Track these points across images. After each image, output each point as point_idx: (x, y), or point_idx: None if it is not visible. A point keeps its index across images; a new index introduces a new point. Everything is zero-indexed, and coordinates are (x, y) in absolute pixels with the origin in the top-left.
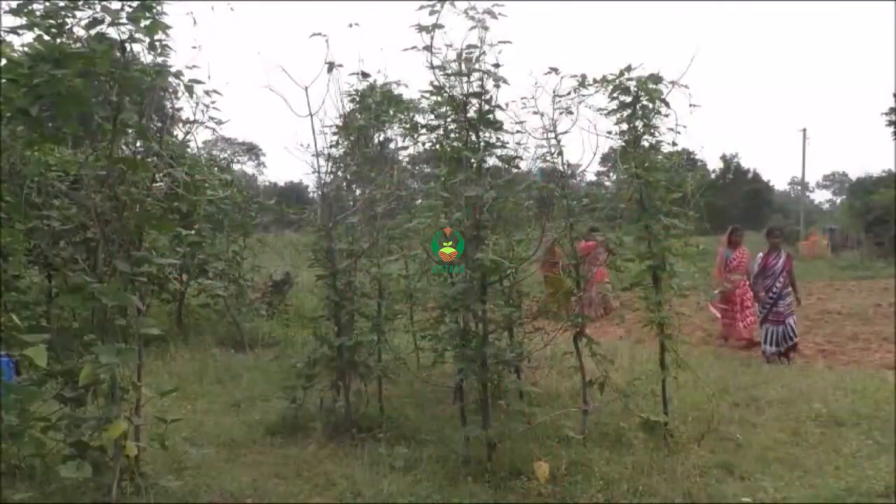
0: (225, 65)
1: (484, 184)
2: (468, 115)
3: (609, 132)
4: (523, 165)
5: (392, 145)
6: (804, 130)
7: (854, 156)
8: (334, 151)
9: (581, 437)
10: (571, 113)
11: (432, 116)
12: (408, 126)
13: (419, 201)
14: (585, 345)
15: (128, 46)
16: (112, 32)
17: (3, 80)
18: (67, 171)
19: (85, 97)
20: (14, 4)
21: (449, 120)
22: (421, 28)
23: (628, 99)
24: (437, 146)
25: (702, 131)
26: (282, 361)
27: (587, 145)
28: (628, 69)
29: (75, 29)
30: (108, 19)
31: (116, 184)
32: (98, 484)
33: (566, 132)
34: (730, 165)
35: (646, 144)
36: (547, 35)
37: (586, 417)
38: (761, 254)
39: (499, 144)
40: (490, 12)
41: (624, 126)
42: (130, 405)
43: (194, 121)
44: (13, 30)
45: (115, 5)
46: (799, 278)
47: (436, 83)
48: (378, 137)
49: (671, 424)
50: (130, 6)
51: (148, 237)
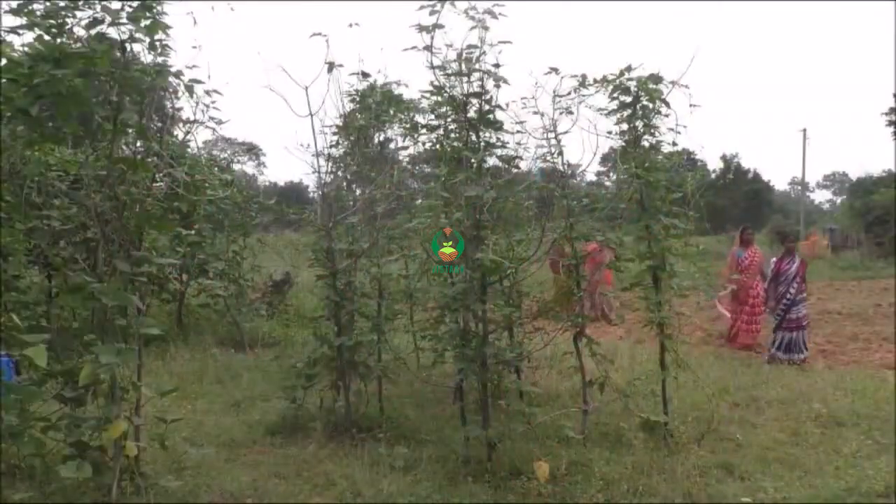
0: (225, 65)
1: (484, 184)
2: (468, 115)
3: (609, 132)
4: (523, 165)
5: (392, 145)
6: (804, 130)
7: (854, 156)
8: (334, 151)
9: (581, 437)
10: (571, 113)
11: (432, 116)
12: (408, 126)
13: (419, 201)
14: (585, 345)
15: (128, 46)
16: (112, 32)
17: (4, 80)
18: (67, 171)
19: (85, 97)
20: (14, 4)
21: (449, 120)
22: (421, 28)
23: (628, 99)
24: (437, 146)
25: (702, 131)
26: (282, 361)
27: (587, 145)
28: (628, 69)
29: (75, 29)
30: (109, 19)
31: (116, 184)
32: (98, 484)
33: (566, 132)
34: (730, 165)
35: (646, 144)
36: (547, 35)
37: (586, 417)
38: (774, 259)
39: (499, 144)
40: (490, 12)
41: (624, 126)
42: (130, 405)
43: (194, 121)
44: (13, 30)
45: (115, 5)
46: None
47: (436, 83)
48: (378, 137)
49: (671, 424)
50: (130, 6)
51: (148, 237)
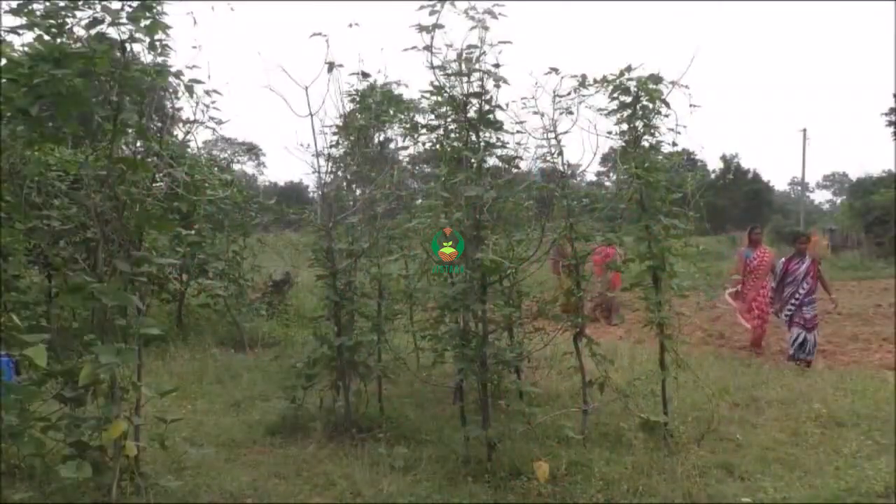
0: (225, 65)
1: (484, 184)
2: (468, 115)
3: (609, 132)
4: (523, 165)
5: (392, 145)
6: (804, 130)
7: (854, 156)
8: (334, 151)
9: (581, 437)
10: (571, 113)
11: (432, 116)
12: (408, 126)
13: (419, 201)
14: (585, 345)
15: (128, 46)
16: (112, 32)
17: (3, 80)
18: (67, 171)
19: (85, 97)
20: (14, 4)
21: (449, 120)
22: (421, 28)
23: (628, 99)
24: (437, 146)
25: (702, 131)
26: (282, 361)
27: (587, 145)
28: (628, 69)
29: (75, 29)
30: (109, 19)
31: (116, 184)
32: (98, 484)
33: (566, 132)
34: (730, 165)
35: (646, 144)
36: (547, 35)
37: (586, 417)
38: (783, 259)
39: (499, 144)
40: (490, 12)
41: (624, 126)
42: (130, 405)
43: (194, 121)
44: (13, 30)
45: (115, 5)
46: None
47: (436, 83)
48: (378, 137)
49: (671, 424)
50: (130, 6)
51: (148, 237)
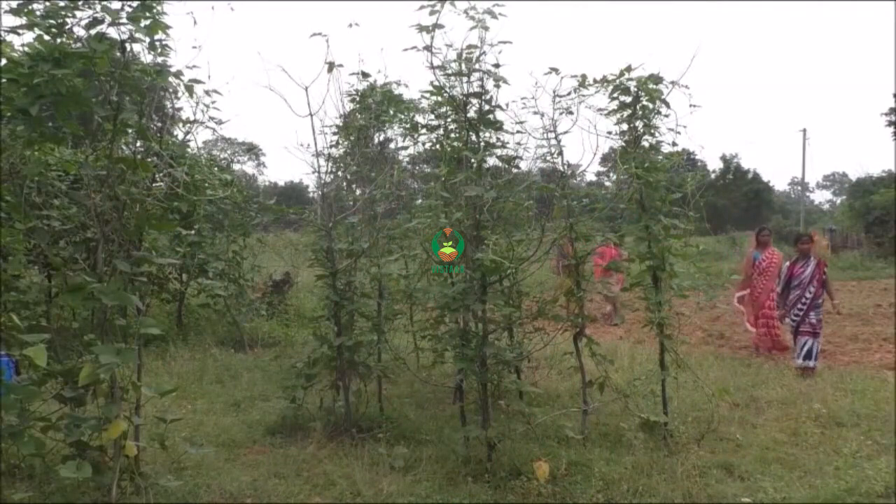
0: (225, 65)
1: (484, 184)
2: (468, 115)
3: (609, 132)
4: (523, 165)
5: (392, 145)
6: (804, 130)
7: (854, 156)
8: (334, 151)
9: (581, 438)
10: (571, 113)
11: (432, 116)
12: (408, 126)
13: (419, 201)
14: (585, 345)
15: (128, 46)
16: (112, 32)
17: (4, 80)
18: (67, 171)
19: (85, 97)
20: (14, 4)
21: (449, 120)
22: (421, 28)
23: (628, 99)
24: (437, 146)
25: (702, 131)
26: (282, 361)
27: (587, 145)
28: (628, 69)
29: (75, 29)
30: (108, 19)
31: (116, 184)
32: (98, 484)
33: (566, 132)
34: (730, 166)
35: (646, 144)
36: (547, 35)
37: (586, 417)
38: (787, 263)
39: (499, 144)
40: (490, 12)
41: (624, 126)
42: (130, 405)
43: (194, 121)
44: (13, 30)
45: (115, 5)
46: None
47: (436, 83)
48: (378, 137)
49: (671, 424)
50: (130, 6)
51: (148, 237)
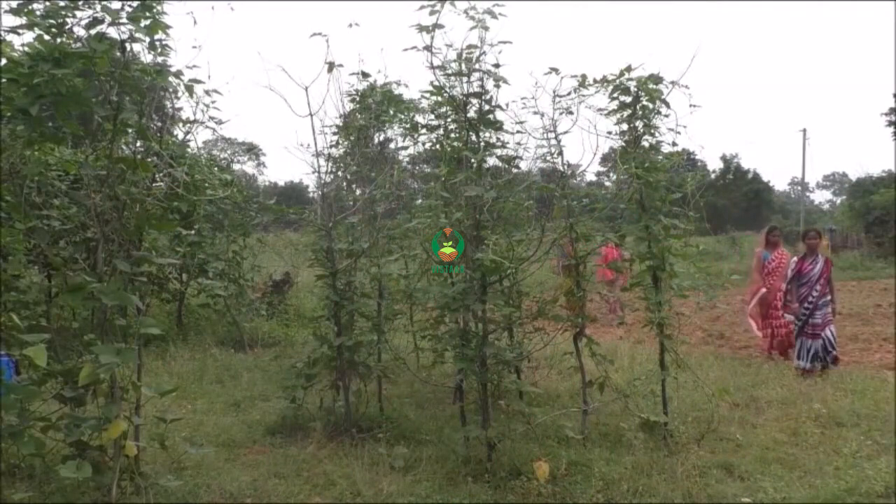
0: (225, 65)
1: (484, 184)
2: (468, 115)
3: (609, 132)
4: (523, 165)
5: (392, 145)
6: (804, 130)
7: (854, 156)
8: (334, 151)
9: (581, 438)
10: (571, 113)
11: (432, 116)
12: (408, 126)
13: (419, 201)
14: (585, 345)
15: (128, 46)
16: (112, 32)
17: (4, 80)
18: (67, 171)
19: (85, 97)
20: (14, 4)
21: (449, 120)
22: (421, 28)
23: (628, 99)
24: (437, 146)
25: (702, 131)
26: (282, 361)
27: (587, 145)
28: (628, 69)
29: (75, 29)
30: (109, 19)
31: (116, 184)
32: (98, 484)
33: (566, 132)
34: (730, 166)
35: (646, 144)
36: (547, 35)
37: (586, 417)
38: (795, 258)
39: (499, 144)
40: (490, 12)
41: (624, 126)
42: (130, 405)
43: (194, 121)
44: (13, 29)
45: (115, 5)
46: None
47: (436, 83)
48: (378, 137)
49: (671, 424)
50: (130, 6)
51: (148, 237)
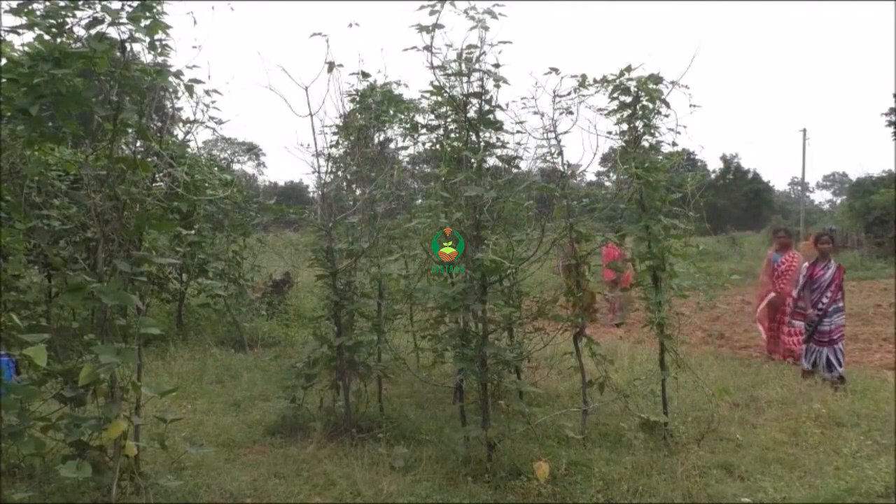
0: (225, 65)
1: (484, 184)
2: (468, 115)
3: (609, 132)
4: (523, 165)
5: (392, 145)
6: (804, 130)
7: (854, 156)
8: (334, 151)
9: (581, 437)
10: (571, 113)
11: (432, 116)
12: (408, 126)
13: (419, 201)
14: (585, 345)
15: (128, 46)
16: (112, 32)
17: (4, 80)
18: (67, 171)
19: (85, 97)
20: (14, 4)
21: (449, 120)
22: (421, 28)
23: (628, 99)
24: (438, 146)
25: (702, 131)
26: (282, 361)
27: (587, 145)
28: (628, 69)
29: (75, 29)
30: (109, 19)
31: (116, 184)
32: (98, 483)
33: (566, 132)
34: (730, 166)
35: (646, 144)
36: (547, 35)
37: (586, 417)
38: (807, 263)
39: (499, 144)
40: (490, 12)
41: (624, 126)
42: (130, 405)
43: (194, 121)
44: (13, 29)
45: (116, 5)
46: None
47: (436, 83)
48: (378, 137)
49: (671, 424)
50: (130, 6)
51: (148, 237)
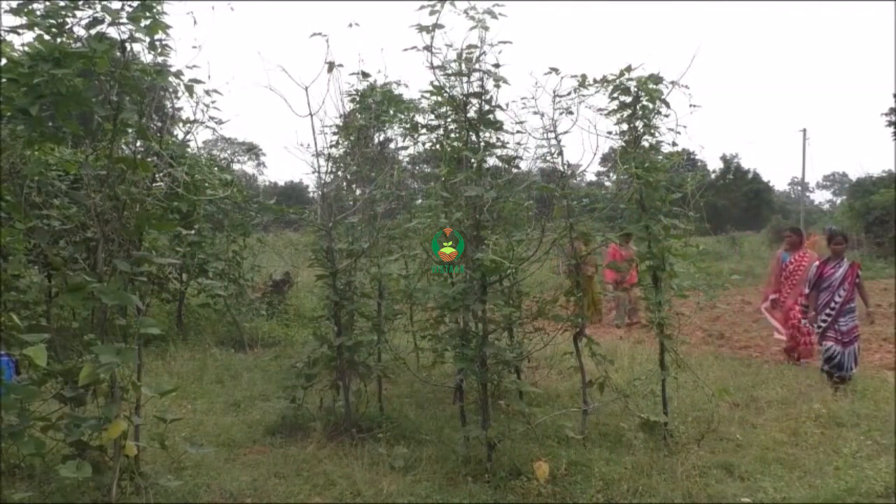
0: (225, 65)
1: (484, 184)
2: (468, 115)
3: (609, 132)
4: (523, 165)
5: (392, 145)
6: (804, 130)
7: (854, 156)
8: (334, 151)
9: (581, 438)
10: (571, 113)
11: (432, 116)
12: (408, 126)
13: (419, 201)
14: (585, 345)
15: (128, 46)
16: (112, 32)
17: (4, 80)
18: (67, 171)
19: (85, 97)
20: (14, 4)
21: (449, 120)
22: (421, 28)
23: (628, 99)
24: (438, 146)
25: (702, 131)
26: (282, 361)
27: (587, 145)
28: (628, 69)
29: (75, 29)
30: (109, 19)
31: (116, 183)
32: (98, 483)
33: (566, 132)
34: (730, 166)
35: (646, 144)
36: (547, 35)
37: (586, 417)
38: (816, 262)
39: (499, 144)
40: (490, 12)
41: (624, 126)
42: (130, 405)
43: (194, 121)
44: (13, 29)
45: (116, 5)
46: None
47: (436, 83)
48: (378, 137)
49: (671, 424)
50: (130, 6)
51: (148, 237)
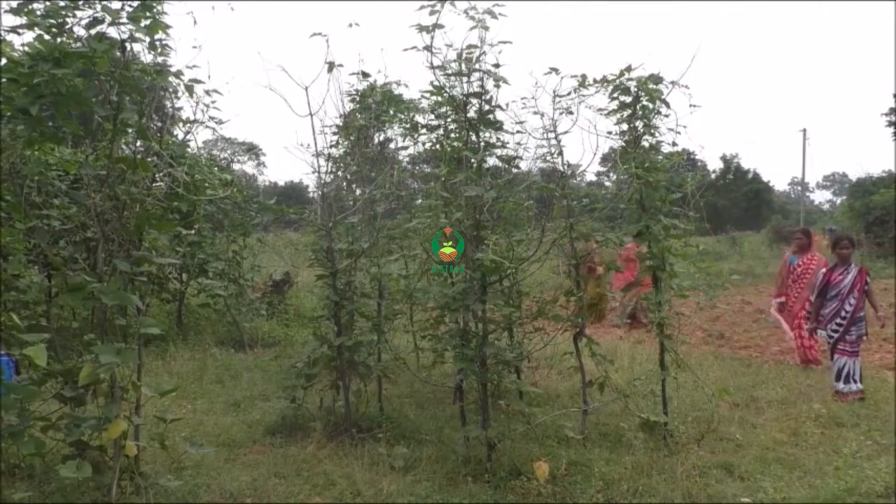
0: (225, 65)
1: (484, 184)
2: (468, 115)
3: (609, 132)
4: (523, 165)
5: (392, 145)
6: (804, 131)
7: (854, 156)
8: (334, 151)
9: (581, 437)
10: (571, 113)
11: (432, 116)
12: (408, 126)
13: (419, 201)
14: (585, 345)
15: (128, 46)
16: (112, 32)
17: (4, 80)
18: (67, 171)
19: (85, 97)
20: (14, 4)
21: (449, 120)
22: (421, 28)
23: (628, 99)
24: (438, 146)
25: (702, 131)
26: (282, 361)
27: (587, 145)
28: (628, 69)
29: (75, 29)
30: (109, 19)
31: (116, 183)
32: (98, 483)
33: (566, 132)
34: (730, 166)
35: (646, 144)
36: (547, 35)
37: (586, 417)
38: (823, 269)
39: (499, 144)
40: (490, 12)
41: (624, 126)
42: (130, 405)
43: (194, 121)
44: (13, 29)
45: (116, 5)
46: None
47: (436, 83)
48: (378, 137)
49: (671, 424)
50: (131, 6)
51: (148, 237)
